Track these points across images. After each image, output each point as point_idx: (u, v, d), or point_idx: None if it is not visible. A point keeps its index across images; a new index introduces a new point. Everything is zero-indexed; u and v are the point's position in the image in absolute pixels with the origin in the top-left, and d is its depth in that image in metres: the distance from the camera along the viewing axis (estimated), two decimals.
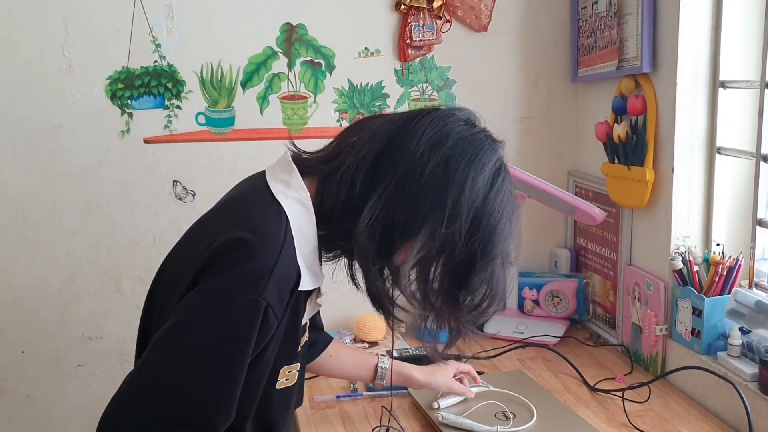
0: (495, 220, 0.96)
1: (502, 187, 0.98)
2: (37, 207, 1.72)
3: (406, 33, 1.78)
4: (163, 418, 0.88)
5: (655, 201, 1.56)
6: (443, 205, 0.93)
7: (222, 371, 0.90)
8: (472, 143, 0.97)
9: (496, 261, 0.98)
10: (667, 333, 1.54)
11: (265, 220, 0.95)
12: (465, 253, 0.95)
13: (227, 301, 0.89)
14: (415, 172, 0.94)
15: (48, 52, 1.66)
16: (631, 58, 1.58)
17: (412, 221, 0.94)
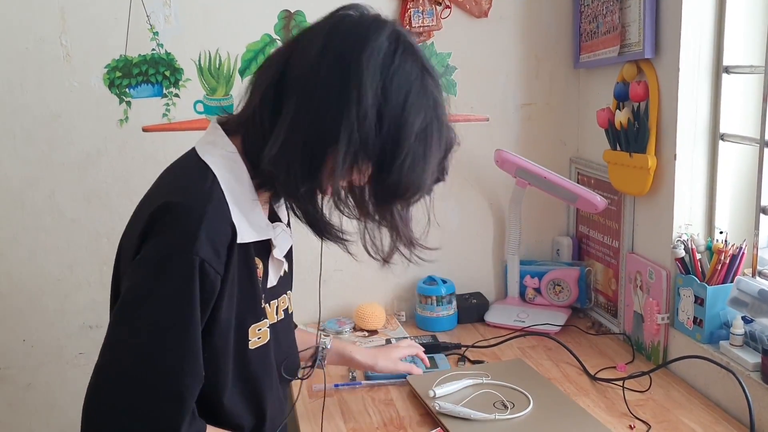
0: (401, 98, 0.91)
1: (401, 61, 0.92)
2: (36, 196, 1.72)
3: (405, 19, 1.76)
4: (136, 392, 0.90)
5: (657, 188, 1.54)
6: (349, 103, 0.90)
7: (176, 334, 0.91)
8: (358, 30, 0.93)
9: (413, 143, 0.92)
10: (669, 322, 1.52)
11: (190, 181, 0.96)
12: (381, 144, 0.92)
13: (163, 266, 0.91)
14: (313, 82, 0.92)
15: (45, 40, 1.65)
16: (633, 43, 1.56)
17: (325, 132, 0.91)
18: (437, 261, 1.88)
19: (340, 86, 0.91)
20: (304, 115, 0.93)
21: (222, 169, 0.97)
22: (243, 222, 0.97)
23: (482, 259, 1.94)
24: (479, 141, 1.87)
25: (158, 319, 0.91)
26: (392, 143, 0.92)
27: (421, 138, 0.93)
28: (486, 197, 1.91)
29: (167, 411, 0.91)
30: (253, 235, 1.00)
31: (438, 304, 1.78)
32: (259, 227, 1.01)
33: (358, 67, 0.90)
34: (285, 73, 0.96)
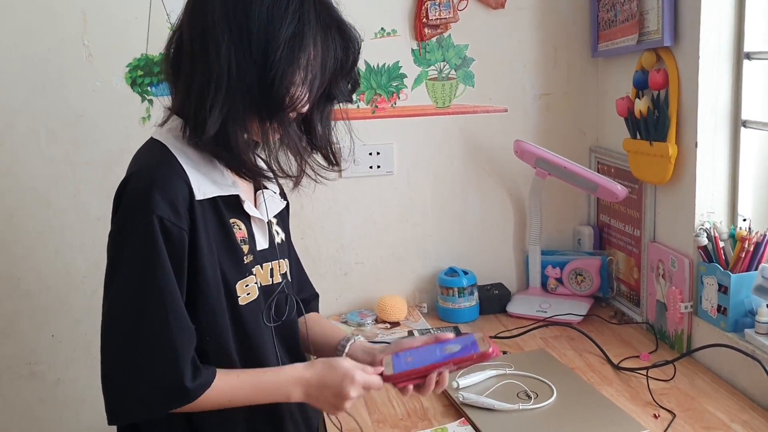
0: (254, 13, 0.94)
1: None
2: (61, 195, 1.75)
3: (422, 12, 1.76)
4: (133, 359, 0.96)
5: (679, 176, 1.53)
6: (218, 37, 0.95)
7: (153, 294, 0.96)
8: None
9: (282, 53, 0.94)
10: (692, 310, 1.52)
11: (144, 156, 1.04)
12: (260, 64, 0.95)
13: (126, 233, 0.97)
14: (186, 34, 1.00)
15: (68, 41, 1.68)
16: (651, 31, 1.55)
17: (210, 73, 0.95)
18: (459, 252, 1.91)
19: (214, 34, 0.95)
20: (193, 65, 0.98)
21: (170, 139, 1.03)
22: (202, 180, 1.02)
23: (503, 249, 1.94)
24: (498, 132, 1.87)
25: (133, 284, 0.96)
26: (265, 55, 0.94)
27: (292, 46, 0.95)
28: (506, 188, 1.91)
29: (166, 369, 0.96)
30: (214, 191, 1.03)
31: (460, 296, 1.79)
32: (222, 185, 1.05)
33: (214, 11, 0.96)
34: (177, 49, 1.03)
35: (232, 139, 0.99)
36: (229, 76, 0.95)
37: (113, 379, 0.98)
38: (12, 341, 1.78)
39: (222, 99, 0.96)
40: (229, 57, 0.95)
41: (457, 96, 1.84)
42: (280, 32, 0.94)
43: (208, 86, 0.96)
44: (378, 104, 1.82)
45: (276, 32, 0.94)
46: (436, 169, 1.87)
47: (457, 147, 1.87)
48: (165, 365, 0.97)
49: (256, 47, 0.94)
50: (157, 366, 0.97)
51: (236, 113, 0.97)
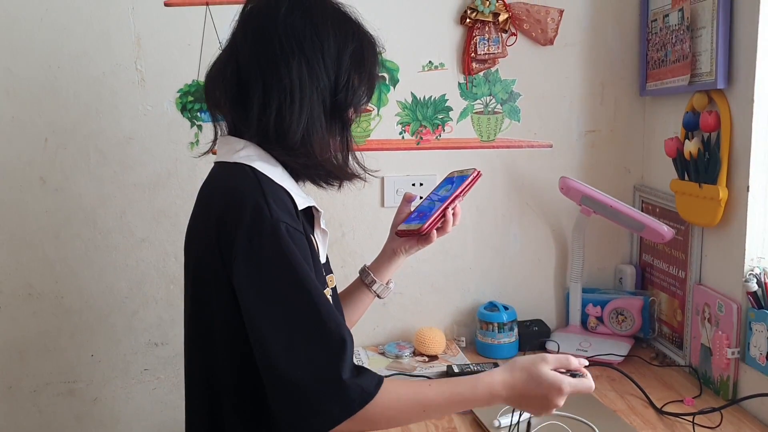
0: (330, 36, 1.07)
1: (316, 10, 1.08)
2: (108, 215, 1.77)
3: (471, 47, 1.77)
4: (318, 357, 0.96)
5: (728, 220, 1.52)
6: (297, 62, 1.05)
7: (313, 289, 0.98)
8: (267, 5, 1.10)
9: (349, 65, 1.08)
10: (739, 356, 1.49)
11: (235, 179, 1.05)
12: (334, 76, 1.07)
13: (259, 244, 0.97)
14: (251, 60, 1.06)
15: (121, 66, 1.71)
16: (704, 73, 1.54)
17: (285, 89, 1.04)
18: (499, 286, 1.90)
19: (284, 54, 1.05)
20: (271, 92, 1.05)
21: (255, 161, 1.06)
22: (295, 192, 1.07)
23: (544, 285, 1.93)
24: (542, 167, 1.86)
25: (293, 283, 0.98)
26: (338, 69, 1.08)
27: (355, 58, 1.10)
28: (548, 223, 1.90)
29: (334, 358, 0.96)
30: (305, 202, 1.09)
31: (499, 331, 1.77)
32: (305, 197, 1.10)
33: (283, 29, 1.06)
34: (238, 72, 1.08)
35: (315, 144, 1.07)
36: (302, 89, 1.05)
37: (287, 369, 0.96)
38: (52, 358, 1.80)
39: (299, 108, 1.05)
40: (301, 72, 1.04)
41: (502, 130, 1.84)
42: (347, 47, 1.08)
43: (285, 100, 1.04)
44: (423, 136, 1.83)
45: (344, 48, 1.08)
46: (478, 202, 1.87)
47: (500, 181, 1.87)
48: (334, 352, 0.96)
49: (329, 61, 1.07)
50: (328, 355, 0.96)
51: (314, 119, 1.06)
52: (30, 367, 1.80)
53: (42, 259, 1.76)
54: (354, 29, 1.11)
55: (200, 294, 1.10)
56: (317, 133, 1.07)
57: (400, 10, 1.77)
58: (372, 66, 1.13)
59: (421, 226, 1.26)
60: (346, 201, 1.82)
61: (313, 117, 1.06)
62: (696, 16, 1.56)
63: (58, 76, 1.69)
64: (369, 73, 1.13)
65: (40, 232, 1.75)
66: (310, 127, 1.06)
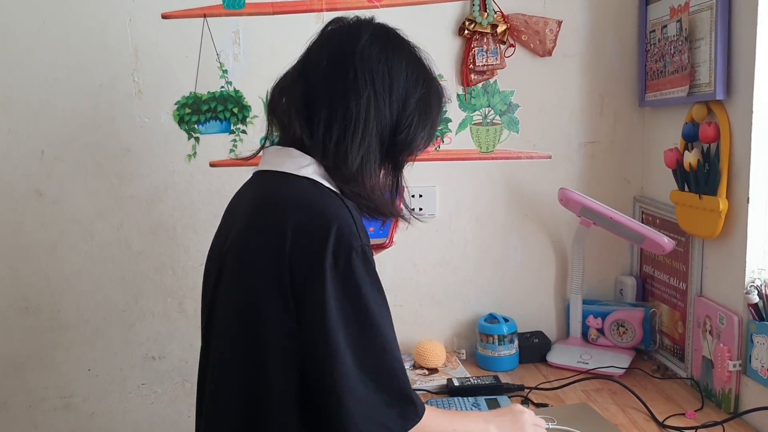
0: (402, 75, 1.09)
1: (394, 46, 1.11)
2: (105, 228, 1.76)
3: (469, 58, 1.77)
4: (392, 371, 1.02)
5: (729, 231, 1.51)
6: (368, 94, 1.06)
7: (390, 317, 1.04)
8: (349, 33, 1.11)
9: (415, 107, 1.10)
10: (741, 369, 1.48)
11: (320, 195, 1.05)
12: (397, 116, 1.09)
13: (349, 263, 0.98)
14: (321, 84, 1.07)
15: (119, 77, 1.71)
16: (703, 84, 1.54)
17: (349, 118, 1.05)
18: (499, 298, 1.89)
19: (356, 85, 1.06)
20: (337, 112, 1.06)
21: (325, 180, 1.07)
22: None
23: (544, 297, 1.92)
24: (541, 178, 1.86)
25: (381, 302, 1.02)
26: (402, 111, 1.10)
27: (422, 104, 1.12)
28: (548, 234, 1.89)
29: (404, 374, 1.04)
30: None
31: (500, 343, 1.76)
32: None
33: (362, 60, 1.07)
34: (308, 90, 1.08)
35: (367, 176, 1.07)
36: (366, 122, 1.06)
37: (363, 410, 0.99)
38: (48, 372, 1.79)
39: (360, 139, 1.06)
40: (368, 106, 1.06)
41: (501, 141, 1.84)
42: (416, 92, 1.11)
43: (348, 128, 1.05)
44: None
45: (412, 92, 1.10)
46: (478, 214, 1.86)
47: (500, 192, 1.86)
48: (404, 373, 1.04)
49: (396, 101, 1.09)
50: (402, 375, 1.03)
51: (369, 153, 1.07)
52: (26, 382, 1.78)
53: (38, 273, 1.75)
54: (425, 75, 1.14)
55: (251, 303, 1.04)
56: (370, 166, 1.08)
57: (398, 22, 1.73)
58: (436, 115, 1.16)
59: (386, 241, 1.35)
60: None
61: (370, 151, 1.07)
62: (694, 27, 1.56)
63: (55, 88, 1.69)
64: (432, 121, 1.15)
65: (37, 245, 1.74)
66: (365, 158, 1.07)
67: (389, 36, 1.13)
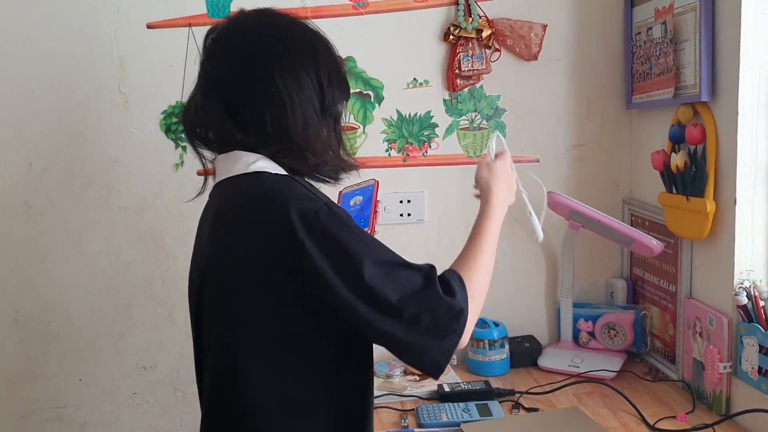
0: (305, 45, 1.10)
1: (258, 27, 1.11)
2: (94, 239, 1.76)
3: (455, 63, 1.77)
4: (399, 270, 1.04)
5: (717, 233, 1.50)
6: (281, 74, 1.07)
7: (378, 246, 1.06)
8: (232, 33, 1.12)
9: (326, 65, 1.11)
10: (731, 371, 1.48)
11: (269, 182, 1.06)
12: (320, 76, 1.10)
13: (322, 228, 0.99)
14: (238, 81, 1.08)
15: (105, 88, 1.71)
16: (688, 85, 1.54)
17: (279, 102, 1.06)
18: (489, 302, 1.88)
19: (266, 71, 1.07)
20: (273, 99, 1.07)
21: (272, 170, 1.08)
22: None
23: (534, 301, 1.91)
24: (530, 182, 1.85)
25: (365, 234, 1.05)
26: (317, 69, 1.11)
27: (326, 54, 1.13)
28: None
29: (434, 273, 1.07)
30: None
31: (490, 348, 1.76)
32: None
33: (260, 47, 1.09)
34: (225, 100, 1.08)
35: (314, 140, 1.09)
36: (290, 94, 1.07)
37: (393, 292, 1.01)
38: (39, 384, 1.79)
39: (292, 112, 1.07)
40: (286, 82, 1.06)
41: (488, 146, 1.83)
42: (317, 51, 1.11)
43: (277, 109, 1.06)
44: (409, 153, 1.82)
45: (315, 52, 1.11)
46: (467, 218, 1.82)
47: None
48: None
49: (308, 66, 1.09)
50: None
51: (309, 119, 1.08)
52: (17, 393, 1.78)
53: (28, 284, 1.75)
54: (317, 36, 1.14)
55: (247, 313, 1.05)
56: (313, 130, 1.09)
57: (384, 28, 1.77)
58: (341, 61, 1.17)
59: (367, 231, 1.33)
60: None
61: (306, 116, 1.08)
62: (679, 29, 1.56)
63: (41, 100, 1.69)
64: (340, 66, 1.16)
65: (26, 257, 1.74)
66: (305, 124, 1.08)
67: (268, 15, 1.14)
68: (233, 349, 1.06)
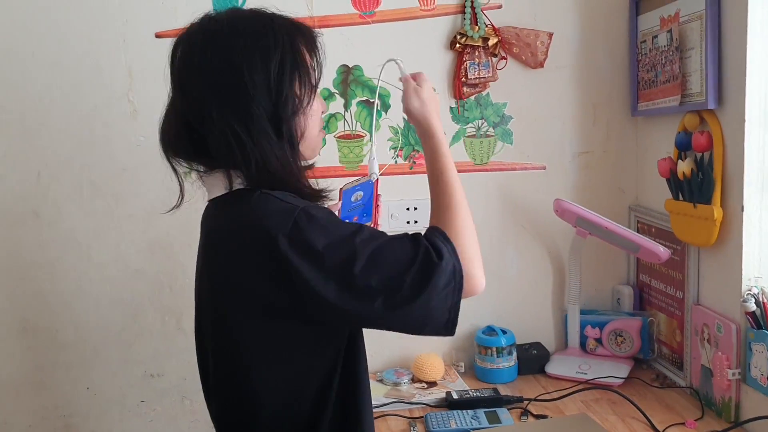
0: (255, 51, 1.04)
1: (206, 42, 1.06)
2: (102, 248, 1.76)
3: (461, 71, 1.78)
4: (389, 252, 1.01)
5: (724, 239, 1.51)
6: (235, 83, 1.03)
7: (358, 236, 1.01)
8: (185, 48, 1.10)
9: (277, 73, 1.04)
10: (740, 377, 1.48)
11: (243, 203, 1.05)
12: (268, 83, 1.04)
13: (301, 235, 0.97)
14: (191, 106, 1.09)
15: (114, 97, 1.72)
16: (695, 93, 1.54)
17: (230, 125, 1.03)
18: (497, 310, 1.89)
19: (212, 99, 1.04)
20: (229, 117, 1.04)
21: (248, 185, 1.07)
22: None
23: (541, 308, 1.92)
24: (536, 189, 1.86)
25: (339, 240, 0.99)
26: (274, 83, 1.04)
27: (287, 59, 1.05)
28: (544, 245, 1.90)
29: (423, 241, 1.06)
30: None
31: (498, 355, 1.76)
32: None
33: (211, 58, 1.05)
34: (185, 124, 1.10)
35: (276, 165, 1.04)
36: (241, 121, 1.02)
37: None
38: (47, 392, 1.79)
39: (249, 137, 1.02)
40: (232, 106, 1.02)
41: (495, 153, 1.84)
42: (269, 63, 1.03)
43: (232, 138, 1.02)
44: (416, 160, 1.83)
45: (264, 65, 1.03)
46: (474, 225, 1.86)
47: (495, 204, 1.86)
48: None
49: (258, 84, 1.03)
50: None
51: (262, 143, 1.03)
52: (26, 402, 1.78)
53: (36, 293, 1.76)
54: (271, 41, 1.05)
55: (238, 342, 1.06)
56: (272, 154, 1.04)
57: (390, 37, 1.77)
58: (311, 57, 1.10)
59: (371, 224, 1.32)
60: None
61: (261, 141, 1.03)
62: (685, 37, 1.57)
63: (50, 110, 1.70)
64: (305, 65, 1.08)
65: (35, 266, 1.75)
66: (263, 150, 1.03)
67: (219, 23, 1.07)
68: (232, 368, 1.08)
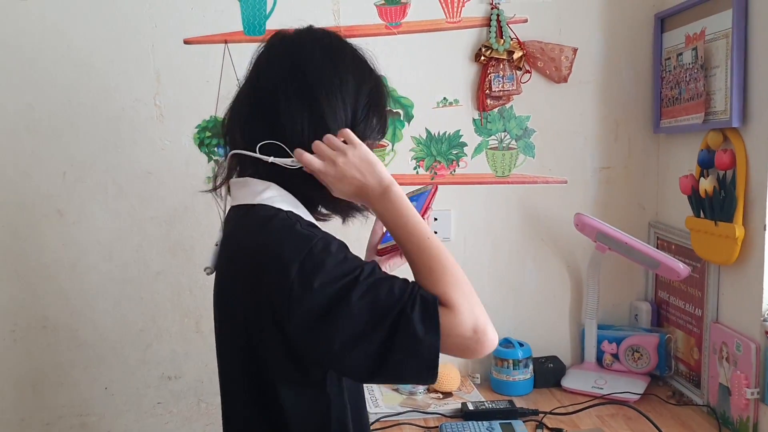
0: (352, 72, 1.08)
1: (337, 47, 1.10)
2: (124, 248, 1.78)
3: (486, 83, 1.79)
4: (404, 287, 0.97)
5: (745, 258, 1.51)
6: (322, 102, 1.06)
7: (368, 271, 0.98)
8: (291, 44, 1.11)
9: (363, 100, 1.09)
10: (759, 397, 1.47)
11: (266, 222, 1.02)
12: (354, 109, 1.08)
13: (313, 267, 0.95)
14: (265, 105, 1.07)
15: (141, 101, 1.74)
16: (719, 111, 1.55)
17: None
18: (514, 322, 1.89)
19: (308, 96, 1.05)
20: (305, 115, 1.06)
21: (277, 201, 1.05)
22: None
23: (559, 321, 1.92)
24: (557, 203, 1.86)
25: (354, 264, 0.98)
26: (354, 104, 1.09)
27: (374, 95, 1.11)
28: (563, 259, 1.90)
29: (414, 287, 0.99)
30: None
31: (514, 368, 1.76)
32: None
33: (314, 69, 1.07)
34: (261, 106, 1.08)
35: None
36: (321, 122, 1.05)
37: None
38: (65, 391, 1.80)
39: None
40: (321, 108, 1.05)
41: (517, 166, 1.85)
42: (363, 86, 1.09)
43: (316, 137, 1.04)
44: (437, 171, 1.84)
45: (360, 86, 1.08)
46: (493, 238, 1.87)
47: (515, 216, 1.87)
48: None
49: (347, 98, 1.07)
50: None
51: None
52: (43, 400, 1.80)
53: (58, 292, 1.78)
54: (369, 70, 1.13)
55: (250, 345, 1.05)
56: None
57: (415, 48, 1.79)
58: (385, 104, 1.15)
59: (420, 212, 1.26)
60: (360, 235, 1.82)
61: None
62: (710, 56, 1.57)
63: (78, 111, 1.72)
64: (383, 111, 1.14)
65: (57, 265, 1.77)
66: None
67: (331, 41, 1.11)
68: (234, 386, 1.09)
